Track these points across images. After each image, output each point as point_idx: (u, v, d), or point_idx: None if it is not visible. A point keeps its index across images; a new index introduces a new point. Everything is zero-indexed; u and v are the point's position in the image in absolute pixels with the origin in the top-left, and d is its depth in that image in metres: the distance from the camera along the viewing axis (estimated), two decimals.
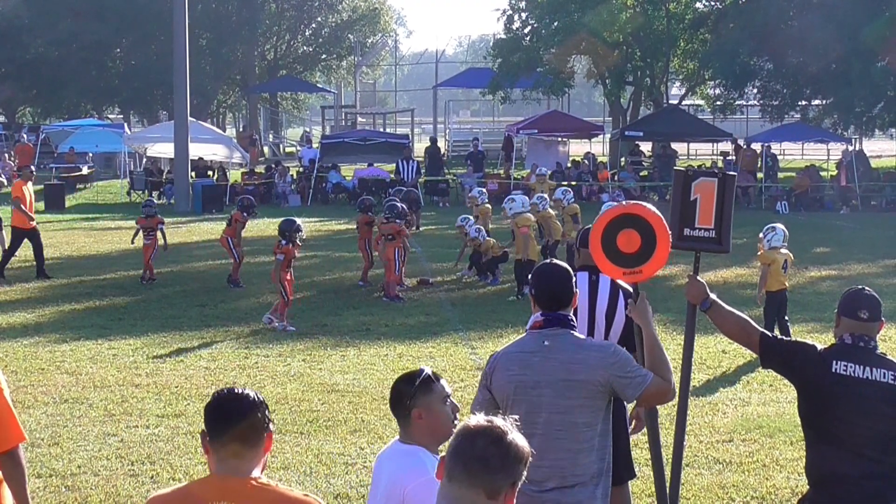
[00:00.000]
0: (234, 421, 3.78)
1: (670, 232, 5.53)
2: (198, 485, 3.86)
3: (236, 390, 3.85)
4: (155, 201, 21.92)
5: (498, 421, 3.28)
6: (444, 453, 3.28)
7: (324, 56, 64.24)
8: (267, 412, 3.85)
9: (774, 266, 13.85)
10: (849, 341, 5.43)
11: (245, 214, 19.45)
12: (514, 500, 3.27)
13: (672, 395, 5.30)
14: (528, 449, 3.27)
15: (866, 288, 5.63)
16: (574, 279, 5.26)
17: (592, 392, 5.02)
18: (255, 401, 3.83)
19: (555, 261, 5.46)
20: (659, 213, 5.47)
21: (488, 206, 21.73)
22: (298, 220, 16.02)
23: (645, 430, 7.60)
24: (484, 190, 23.95)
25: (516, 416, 3.38)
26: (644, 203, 5.60)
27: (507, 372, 5.11)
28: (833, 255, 23.25)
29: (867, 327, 5.43)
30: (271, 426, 3.88)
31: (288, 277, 15.30)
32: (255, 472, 3.81)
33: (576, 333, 5.17)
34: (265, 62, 62.47)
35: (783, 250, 13.93)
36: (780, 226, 14.39)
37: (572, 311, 5.20)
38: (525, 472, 3.27)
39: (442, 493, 3.28)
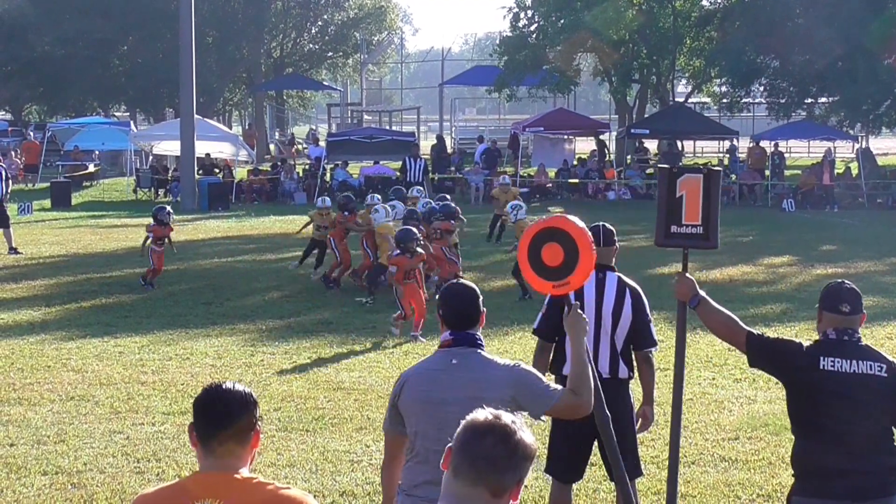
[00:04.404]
0: (222, 420, 3.76)
1: (593, 242, 5.43)
2: (185, 482, 3.84)
3: (226, 387, 3.81)
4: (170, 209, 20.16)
5: (506, 418, 3.23)
6: (450, 444, 3.24)
7: (330, 54, 64.19)
8: (256, 410, 3.82)
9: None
10: (833, 336, 5.46)
11: (346, 213, 18.68)
12: (518, 499, 3.25)
13: (586, 410, 5.22)
14: (536, 446, 3.24)
15: (846, 281, 5.66)
16: (481, 298, 5.24)
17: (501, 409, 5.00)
18: (244, 399, 3.79)
19: (462, 281, 5.45)
20: (580, 224, 5.43)
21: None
22: (416, 231, 15.06)
23: (651, 428, 7.65)
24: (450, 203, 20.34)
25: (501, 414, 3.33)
26: (566, 215, 5.57)
27: (415, 389, 5.12)
28: (839, 252, 23.23)
29: (850, 321, 5.47)
30: (260, 424, 3.84)
31: (413, 290, 14.52)
32: (243, 469, 3.79)
33: (483, 353, 5.15)
34: (271, 60, 62.47)
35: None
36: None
37: (479, 330, 5.19)
38: (531, 468, 3.25)
39: (446, 487, 3.24)
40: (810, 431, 5.45)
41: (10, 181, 24.65)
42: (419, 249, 14.55)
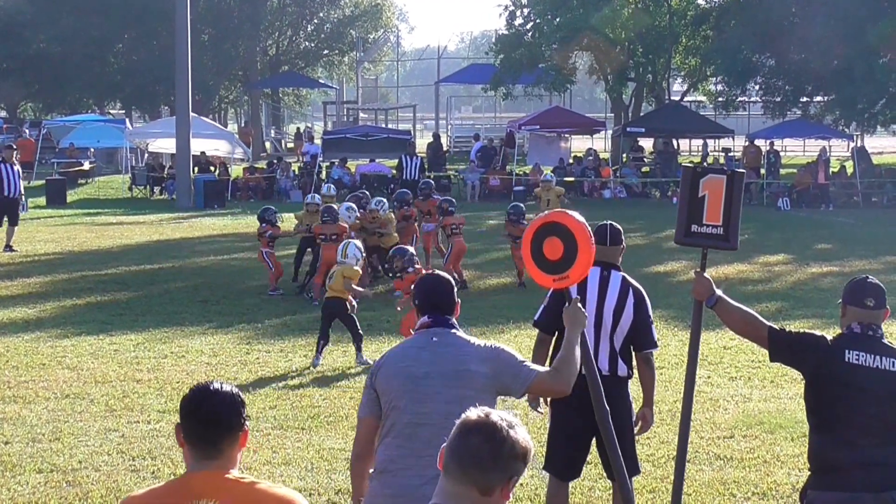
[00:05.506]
0: (211, 422, 3.77)
1: (592, 236, 5.46)
2: (176, 483, 3.86)
3: (213, 387, 3.82)
4: (275, 209, 19.10)
5: (496, 415, 3.25)
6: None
7: (326, 52, 64.15)
8: (244, 409, 3.83)
9: None
10: (858, 330, 5.50)
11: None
12: (511, 494, 3.26)
13: (564, 391, 5.31)
14: (528, 445, 3.24)
15: (870, 276, 5.68)
16: (456, 290, 5.39)
17: (482, 384, 5.09)
18: (232, 400, 3.80)
19: (437, 272, 5.60)
20: (580, 219, 5.46)
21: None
22: (409, 249, 14.03)
23: (651, 428, 7.64)
24: (353, 205, 18.88)
25: (493, 410, 3.34)
26: (566, 210, 5.60)
27: (395, 366, 5.20)
28: (834, 251, 23.24)
29: (874, 315, 5.50)
30: (247, 423, 3.85)
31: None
32: (234, 468, 3.80)
33: (460, 333, 5.27)
34: (267, 58, 62.41)
35: None
36: None
37: (455, 318, 5.32)
38: (525, 467, 3.25)
39: (439, 485, 3.28)
40: (830, 424, 5.47)
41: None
42: (410, 270, 13.14)
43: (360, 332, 13.16)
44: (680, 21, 44.18)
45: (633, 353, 7.22)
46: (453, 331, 5.25)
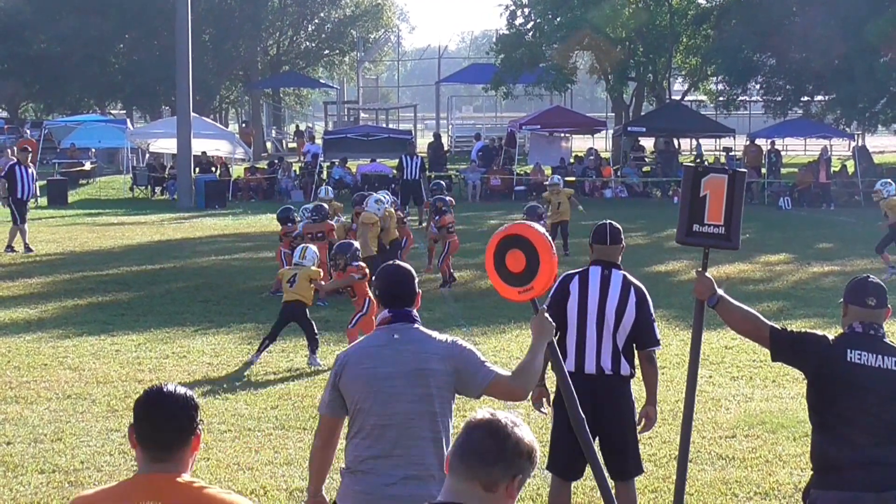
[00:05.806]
0: (164, 424, 3.77)
1: (553, 246, 5.44)
2: (126, 484, 3.86)
3: (167, 390, 3.83)
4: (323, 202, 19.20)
5: (501, 414, 3.29)
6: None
7: (326, 52, 64.17)
8: (197, 413, 3.83)
9: None
10: (859, 329, 5.51)
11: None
12: (516, 494, 3.27)
13: (521, 398, 5.34)
14: (533, 444, 3.27)
15: (871, 276, 5.68)
16: (417, 279, 5.39)
17: (444, 382, 5.13)
18: (185, 403, 3.81)
19: (398, 262, 5.56)
20: (540, 230, 5.45)
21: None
22: (353, 243, 13.82)
23: (654, 427, 7.64)
24: (381, 198, 18.69)
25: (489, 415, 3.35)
26: (526, 222, 5.60)
27: (358, 366, 5.21)
28: (835, 250, 23.24)
29: (875, 314, 5.51)
30: (200, 427, 3.85)
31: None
32: (185, 472, 3.80)
33: (421, 328, 5.28)
34: (268, 58, 62.42)
35: None
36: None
37: (415, 310, 5.33)
38: (531, 467, 3.27)
39: (444, 485, 3.30)
40: (832, 424, 5.48)
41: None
42: (354, 264, 13.01)
43: (317, 336, 13.15)
44: (681, 20, 44.19)
45: (636, 352, 7.21)
46: (415, 325, 5.27)
